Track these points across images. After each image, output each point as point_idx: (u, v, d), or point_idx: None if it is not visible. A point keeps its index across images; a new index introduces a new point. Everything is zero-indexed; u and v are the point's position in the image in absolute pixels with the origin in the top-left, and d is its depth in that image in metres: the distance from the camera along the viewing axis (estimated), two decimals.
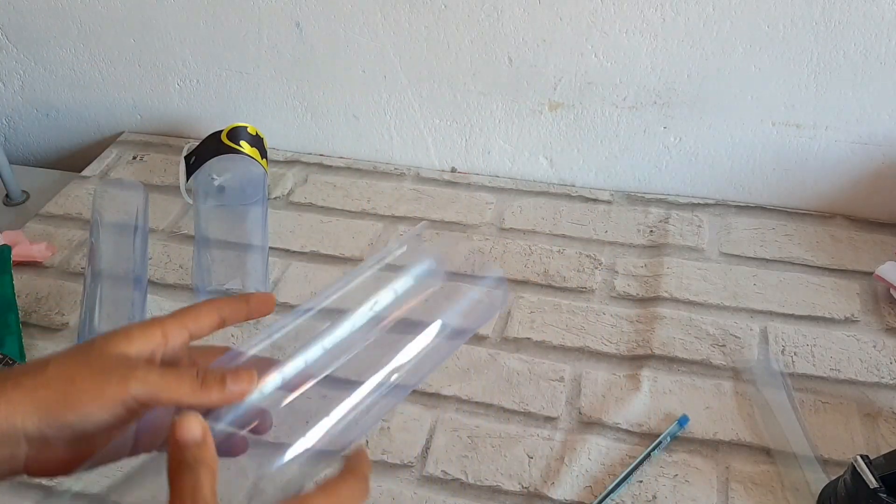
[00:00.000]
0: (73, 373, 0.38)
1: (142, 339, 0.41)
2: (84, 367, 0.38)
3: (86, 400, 0.37)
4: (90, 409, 0.37)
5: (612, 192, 0.97)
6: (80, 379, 0.38)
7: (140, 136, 1.11)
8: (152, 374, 0.39)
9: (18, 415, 0.37)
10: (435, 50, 0.92)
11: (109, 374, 0.38)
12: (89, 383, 0.38)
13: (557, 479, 0.65)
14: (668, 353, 0.75)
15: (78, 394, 0.37)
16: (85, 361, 0.39)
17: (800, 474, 0.64)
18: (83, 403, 0.37)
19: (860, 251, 0.87)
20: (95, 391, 0.37)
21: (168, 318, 0.43)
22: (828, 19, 0.80)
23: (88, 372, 0.38)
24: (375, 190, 0.99)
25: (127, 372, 0.38)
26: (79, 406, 0.37)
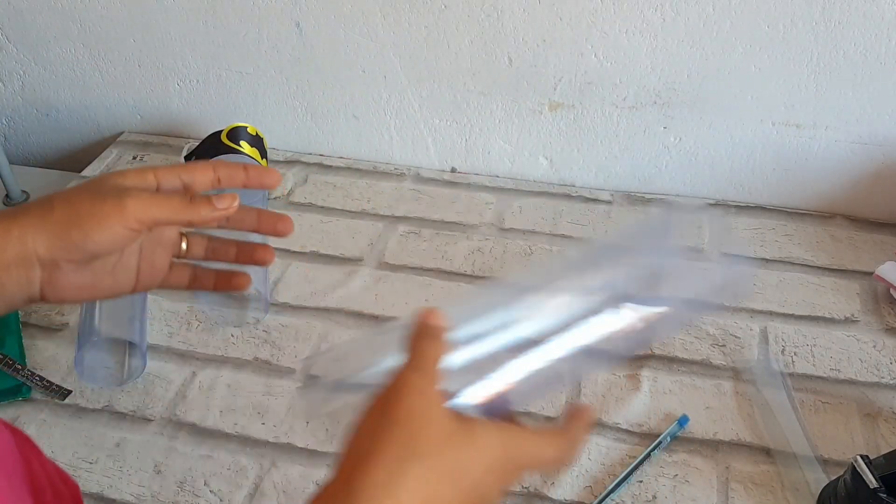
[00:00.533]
0: (74, 199, 0.43)
1: (135, 177, 0.46)
2: (85, 194, 0.44)
3: (86, 218, 0.42)
4: (91, 226, 0.42)
5: (612, 192, 0.97)
6: (80, 203, 0.43)
7: (140, 136, 1.11)
8: (144, 193, 0.44)
9: (29, 236, 0.42)
10: (435, 50, 0.92)
11: (106, 195, 0.43)
12: (89, 205, 0.43)
13: (557, 479, 0.65)
14: (668, 353, 0.75)
15: (79, 214, 0.43)
16: (85, 190, 0.44)
17: (800, 474, 0.64)
18: (84, 221, 0.42)
19: (860, 251, 0.87)
20: (95, 210, 0.43)
21: (162, 166, 0.48)
22: (828, 19, 0.80)
23: (88, 196, 0.43)
24: (375, 190, 0.99)
25: (122, 193, 0.43)
26: (81, 224, 0.42)
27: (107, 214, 0.42)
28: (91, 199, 0.43)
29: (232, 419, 0.70)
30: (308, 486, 0.64)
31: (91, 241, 0.43)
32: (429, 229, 0.92)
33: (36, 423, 0.70)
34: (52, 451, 0.68)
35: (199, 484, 0.65)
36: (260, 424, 0.70)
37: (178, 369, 0.75)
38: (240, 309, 0.80)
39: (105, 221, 0.42)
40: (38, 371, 0.74)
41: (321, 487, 0.36)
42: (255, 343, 0.77)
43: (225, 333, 0.79)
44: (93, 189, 0.44)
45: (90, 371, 0.73)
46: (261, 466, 0.66)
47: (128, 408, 0.71)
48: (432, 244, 0.90)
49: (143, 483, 0.65)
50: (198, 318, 0.80)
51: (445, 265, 0.87)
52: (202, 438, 0.69)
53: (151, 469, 0.66)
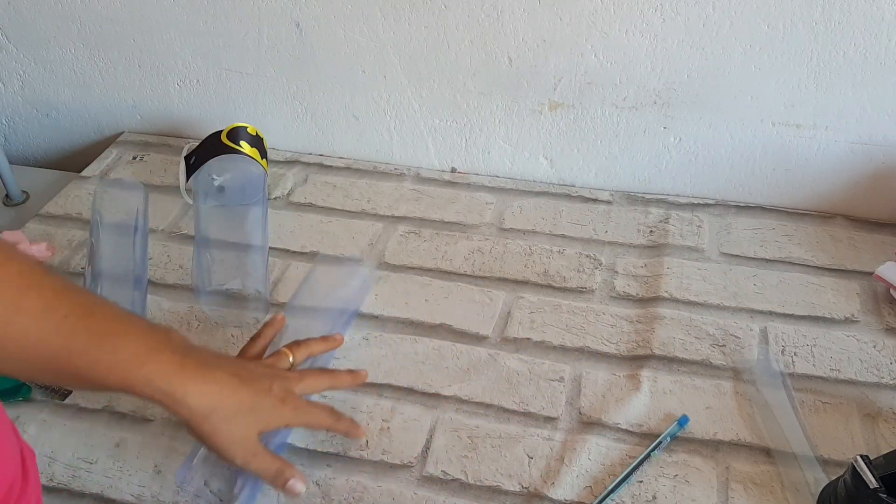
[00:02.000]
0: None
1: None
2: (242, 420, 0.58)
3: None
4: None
5: (612, 192, 0.97)
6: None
7: (140, 136, 1.11)
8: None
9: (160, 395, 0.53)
10: (435, 50, 0.92)
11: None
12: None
13: (557, 479, 0.65)
14: (668, 353, 0.75)
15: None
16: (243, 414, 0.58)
17: (800, 474, 0.64)
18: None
19: (860, 251, 0.87)
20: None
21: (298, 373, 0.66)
22: (828, 19, 0.80)
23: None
24: (375, 190, 0.99)
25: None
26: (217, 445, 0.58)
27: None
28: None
29: None
30: (308, 486, 0.64)
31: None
32: (429, 229, 0.92)
33: (36, 423, 0.70)
34: (52, 450, 0.68)
35: (199, 484, 0.65)
36: None
37: None
38: (240, 309, 0.80)
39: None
40: None
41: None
42: None
43: (225, 333, 0.79)
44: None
45: None
46: None
47: (128, 408, 0.71)
48: (432, 244, 0.90)
49: (143, 483, 0.65)
50: (198, 318, 0.80)
51: (445, 265, 0.87)
52: None
53: (151, 469, 0.66)
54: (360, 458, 0.67)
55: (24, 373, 0.52)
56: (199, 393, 0.53)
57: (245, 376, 0.57)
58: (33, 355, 0.48)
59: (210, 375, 0.55)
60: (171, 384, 0.52)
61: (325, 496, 0.64)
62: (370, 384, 0.73)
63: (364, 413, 0.70)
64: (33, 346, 0.47)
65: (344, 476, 0.66)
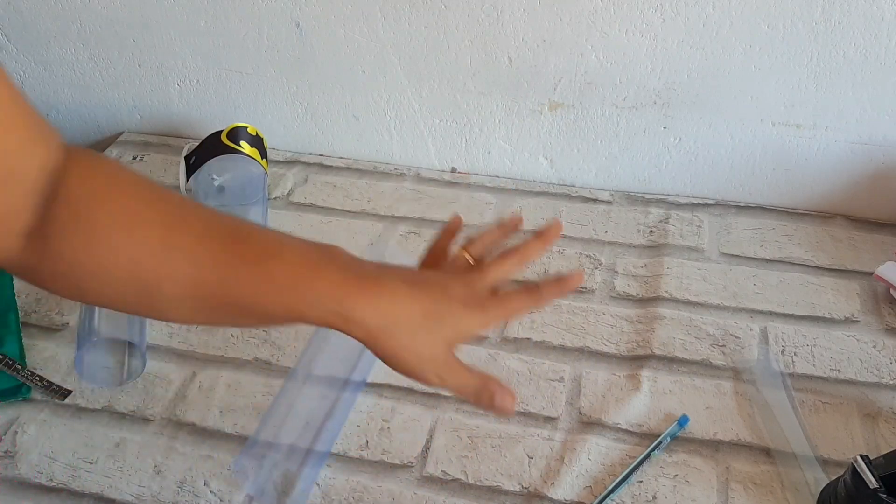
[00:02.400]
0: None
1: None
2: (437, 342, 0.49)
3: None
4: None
5: (612, 192, 0.97)
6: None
7: (140, 136, 1.11)
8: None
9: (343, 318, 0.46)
10: (435, 50, 0.92)
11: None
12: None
13: (557, 479, 0.65)
14: (668, 353, 0.75)
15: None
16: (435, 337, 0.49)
17: (800, 474, 0.64)
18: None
19: (860, 251, 0.87)
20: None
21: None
22: (828, 19, 0.80)
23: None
24: (375, 190, 0.99)
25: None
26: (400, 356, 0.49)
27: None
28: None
29: (232, 419, 0.70)
30: (308, 487, 0.64)
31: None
32: (429, 229, 0.92)
33: (36, 423, 0.70)
34: (52, 450, 0.68)
35: (199, 484, 0.65)
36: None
37: (178, 369, 0.75)
38: None
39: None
40: (38, 371, 0.74)
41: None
42: (254, 343, 0.77)
43: (225, 333, 0.79)
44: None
45: (90, 371, 0.73)
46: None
47: (128, 408, 0.71)
48: None
49: (143, 483, 0.65)
50: None
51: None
52: (202, 438, 0.69)
53: (151, 469, 0.66)
54: (360, 458, 0.67)
55: (186, 314, 0.48)
56: (373, 308, 0.46)
57: (421, 283, 0.50)
58: (192, 293, 0.45)
59: (383, 287, 0.47)
60: (342, 303, 0.46)
61: (325, 496, 0.64)
62: (370, 384, 0.73)
63: (364, 413, 0.70)
64: (191, 284, 0.45)
65: (344, 476, 0.66)
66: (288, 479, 0.64)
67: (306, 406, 0.67)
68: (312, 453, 0.64)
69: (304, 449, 0.64)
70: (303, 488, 0.63)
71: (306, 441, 0.65)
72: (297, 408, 0.67)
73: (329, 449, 0.67)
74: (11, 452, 0.68)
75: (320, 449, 0.66)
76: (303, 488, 0.63)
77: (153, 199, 0.46)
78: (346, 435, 0.69)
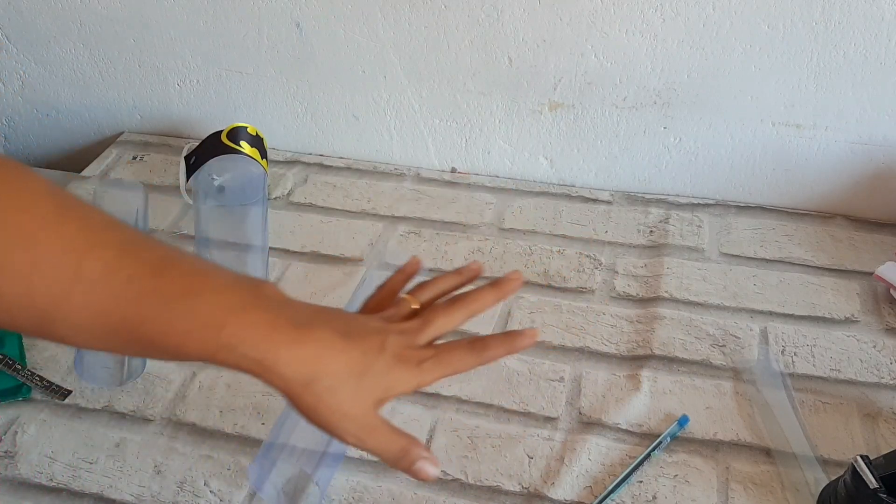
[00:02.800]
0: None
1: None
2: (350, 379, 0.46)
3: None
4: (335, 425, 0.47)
5: (612, 192, 0.97)
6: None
7: (140, 136, 1.11)
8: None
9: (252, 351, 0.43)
10: (435, 50, 0.92)
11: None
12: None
13: (557, 479, 0.65)
14: (668, 353, 0.75)
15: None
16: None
17: (800, 474, 0.64)
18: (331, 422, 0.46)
19: (860, 251, 0.87)
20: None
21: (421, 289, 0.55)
22: (828, 19, 0.80)
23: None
24: (375, 190, 0.99)
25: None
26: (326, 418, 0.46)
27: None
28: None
29: (232, 419, 0.70)
30: (308, 487, 0.64)
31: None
32: (429, 229, 0.92)
33: (36, 423, 0.70)
34: (52, 450, 0.68)
35: (199, 484, 0.65)
36: (260, 424, 0.70)
37: (178, 369, 0.75)
38: None
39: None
40: (38, 371, 0.74)
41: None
42: None
43: None
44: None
45: (90, 371, 0.73)
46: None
47: (128, 408, 0.71)
48: (432, 244, 0.90)
49: (143, 483, 0.65)
50: None
51: (445, 265, 0.87)
52: (202, 438, 0.69)
53: (151, 469, 0.66)
54: (360, 458, 0.67)
55: (97, 344, 0.44)
56: (294, 359, 0.43)
57: (353, 333, 0.46)
58: (101, 325, 0.41)
59: (308, 336, 0.44)
60: (259, 349, 0.42)
61: (326, 496, 0.64)
62: None
63: None
64: (99, 316, 0.41)
65: (344, 476, 0.66)
66: (300, 485, 0.64)
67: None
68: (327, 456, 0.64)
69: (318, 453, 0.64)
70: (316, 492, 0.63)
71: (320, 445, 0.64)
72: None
73: (344, 451, 0.67)
74: (11, 452, 0.68)
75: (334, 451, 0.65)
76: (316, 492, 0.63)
77: (69, 218, 0.41)
78: None
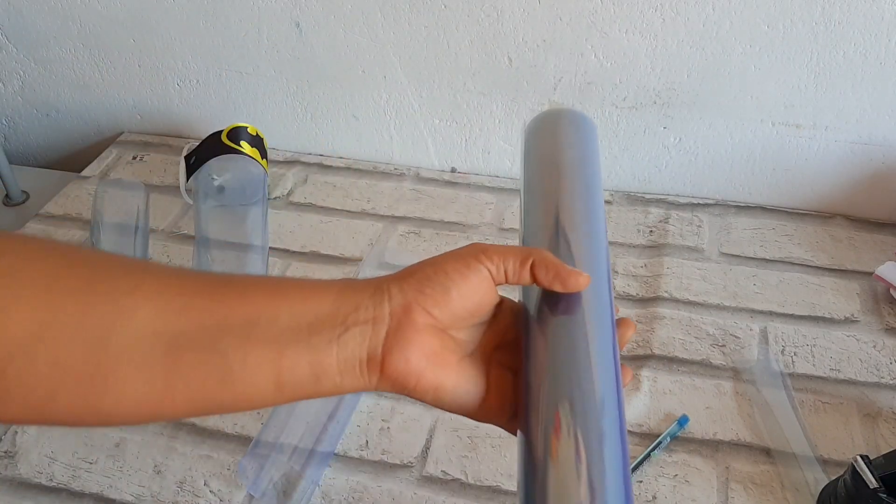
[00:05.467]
0: (435, 258, 0.40)
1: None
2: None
3: (449, 260, 0.39)
4: (452, 266, 0.38)
5: (612, 192, 0.97)
6: (440, 257, 0.39)
7: (140, 136, 1.11)
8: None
9: (386, 294, 0.38)
10: (435, 50, 0.92)
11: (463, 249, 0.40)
12: (449, 255, 0.39)
13: None
14: (668, 353, 0.75)
15: (443, 261, 0.39)
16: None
17: (800, 474, 0.64)
18: (447, 263, 0.38)
19: (860, 251, 0.87)
20: (455, 254, 0.39)
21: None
22: (828, 19, 0.80)
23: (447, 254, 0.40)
24: (375, 190, 0.99)
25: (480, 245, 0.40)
26: (444, 267, 0.38)
27: (467, 254, 0.39)
28: (451, 253, 0.39)
29: (232, 419, 0.70)
30: (308, 487, 0.64)
31: (452, 281, 0.38)
32: (429, 229, 0.92)
33: None
34: (52, 451, 0.68)
35: (198, 484, 0.65)
36: (260, 424, 0.70)
37: None
38: None
39: (467, 259, 0.38)
40: None
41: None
42: None
43: None
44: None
45: None
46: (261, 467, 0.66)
47: None
48: (432, 244, 0.90)
49: (143, 483, 0.65)
50: None
51: None
52: (202, 438, 0.69)
53: (151, 469, 0.66)
54: (360, 458, 0.67)
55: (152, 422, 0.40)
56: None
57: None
58: (141, 417, 0.36)
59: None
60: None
61: (325, 496, 0.64)
62: None
63: (364, 413, 0.70)
64: (134, 410, 0.35)
65: (344, 476, 0.66)
66: (290, 480, 0.64)
67: (309, 407, 0.67)
68: (316, 454, 0.64)
69: (307, 450, 0.64)
70: (305, 489, 0.63)
71: (309, 442, 0.65)
72: (300, 409, 0.67)
73: (333, 450, 0.67)
74: (11, 452, 0.68)
75: (324, 450, 0.66)
76: (305, 489, 0.63)
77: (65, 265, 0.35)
78: (346, 435, 0.69)
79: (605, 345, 0.39)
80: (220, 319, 0.35)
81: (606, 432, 0.35)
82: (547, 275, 0.39)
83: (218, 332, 0.35)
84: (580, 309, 0.40)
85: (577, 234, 0.43)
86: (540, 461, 0.36)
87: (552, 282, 0.39)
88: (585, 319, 0.40)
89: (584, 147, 0.48)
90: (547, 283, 0.39)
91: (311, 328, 0.36)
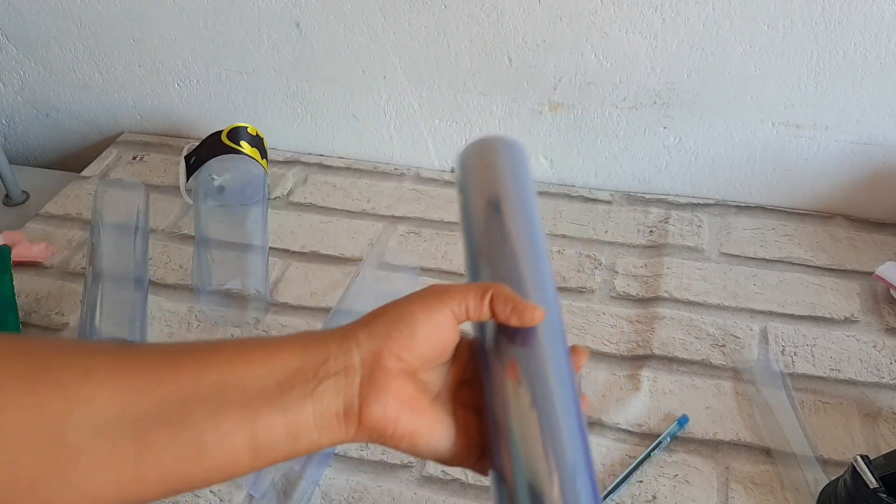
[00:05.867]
0: (399, 301, 0.40)
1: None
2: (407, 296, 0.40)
3: (413, 302, 0.39)
4: (418, 308, 0.39)
5: (612, 192, 0.97)
6: (404, 300, 0.40)
7: (140, 136, 1.11)
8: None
9: (354, 342, 0.37)
10: (435, 50, 0.92)
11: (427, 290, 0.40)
12: (414, 296, 0.40)
13: None
14: (668, 353, 0.75)
15: (407, 303, 0.39)
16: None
17: (800, 474, 0.64)
18: (412, 305, 0.39)
19: (860, 251, 0.87)
20: (419, 295, 0.39)
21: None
22: (828, 19, 0.80)
23: (412, 296, 0.40)
24: (375, 190, 0.99)
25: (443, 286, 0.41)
26: (410, 310, 0.38)
27: (430, 295, 0.39)
28: (413, 296, 0.40)
29: None
30: (308, 487, 0.64)
31: (419, 322, 0.38)
32: (429, 229, 0.92)
33: None
34: None
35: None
36: None
37: None
38: (240, 309, 0.80)
39: (430, 301, 0.39)
40: None
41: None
42: None
43: (225, 333, 0.79)
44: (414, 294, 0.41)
45: None
46: None
47: None
48: (432, 244, 0.90)
49: None
50: (198, 318, 0.80)
51: (445, 265, 0.87)
52: None
53: None
54: (360, 458, 0.67)
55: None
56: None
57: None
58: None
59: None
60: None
61: (325, 496, 0.64)
62: None
63: None
64: (100, 500, 0.33)
65: (344, 476, 0.66)
66: (290, 480, 0.64)
67: None
68: (315, 453, 0.64)
69: None
70: (305, 489, 0.63)
71: None
72: None
73: (333, 449, 0.67)
74: None
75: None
76: (305, 489, 0.63)
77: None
78: None
79: (563, 375, 0.40)
80: (187, 391, 0.34)
81: (576, 465, 0.37)
82: (504, 309, 0.40)
83: (186, 405, 0.33)
84: (536, 341, 0.41)
85: (523, 265, 0.44)
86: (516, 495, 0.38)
87: (509, 317, 0.40)
88: (542, 351, 0.41)
89: (515, 175, 0.49)
90: (504, 317, 0.40)
91: (282, 386, 0.35)
